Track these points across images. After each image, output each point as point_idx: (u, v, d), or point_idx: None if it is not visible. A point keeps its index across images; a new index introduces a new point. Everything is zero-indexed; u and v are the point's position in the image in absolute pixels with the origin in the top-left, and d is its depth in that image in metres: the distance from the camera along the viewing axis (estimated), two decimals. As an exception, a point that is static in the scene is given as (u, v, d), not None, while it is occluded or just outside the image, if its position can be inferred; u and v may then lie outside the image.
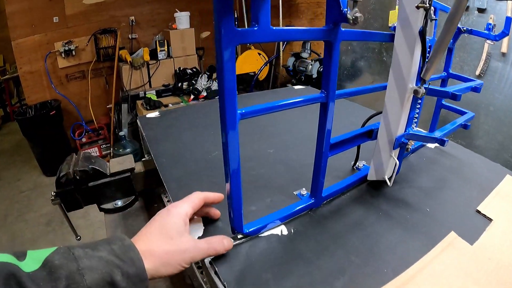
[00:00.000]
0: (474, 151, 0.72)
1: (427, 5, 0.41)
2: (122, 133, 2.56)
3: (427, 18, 0.43)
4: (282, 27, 0.32)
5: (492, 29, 0.65)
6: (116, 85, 2.83)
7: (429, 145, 0.73)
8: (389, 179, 0.54)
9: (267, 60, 3.04)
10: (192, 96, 2.65)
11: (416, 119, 0.55)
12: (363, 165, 0.63)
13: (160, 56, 2.82)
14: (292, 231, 0.47)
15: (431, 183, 0.59)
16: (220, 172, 0.62)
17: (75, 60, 2.80)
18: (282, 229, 0.47)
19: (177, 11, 2.83)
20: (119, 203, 0.69)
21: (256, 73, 2.89)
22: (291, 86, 1.41)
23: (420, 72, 0.47)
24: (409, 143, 0.53)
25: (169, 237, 0.37)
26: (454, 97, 0.47)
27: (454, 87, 0.54)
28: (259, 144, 0.74)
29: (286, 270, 0.40)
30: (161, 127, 0.84)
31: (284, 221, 0.48)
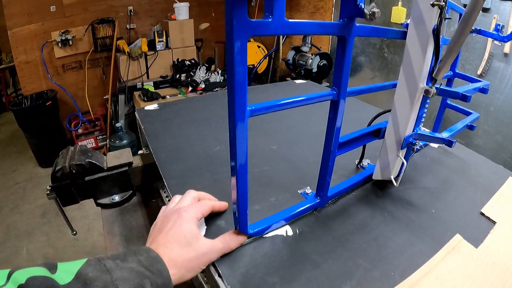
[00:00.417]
0: (473, 150, 0.72)
1: (442, 3, 0.40)
2: (118, 124, 2.53)
3: (442, 16, 0.41)
4: (297, 20, 0.31)
5: (501, 30, 0.64)
6: (113, 75, 2.79)
7: (432, 144, 0.73)
8: (395, 179, 0.53)
9: (266, 53, 3.00)
10: (190, 88, 2.61)
11: (422, 119, 0.54)
12: (368, 163, 0.62)
13: (158, 47, 2.77)
14: (298, 231, 0.46)
15: (436, 184, 0.59)
16: (223, 169, 0.61)
17: (72, 50, 2.75)
18: (287, 229, 0.46)
19: (176, 2, 2.77)
20: (116, 198, 0.67)
21: (255, 66, 2.86)
22: (292, 80, 1.39)
23: (432, 71, 0.46)
24: (416, 143, 0.52)
25: (187, 244, 0.38)
26: (464, 98, 0.46)
27: (462, 87, 0.53)
28: (262, 139, 0.72)
29: (292, 273, 0.39)
30: (160, 120, 0.82)
31: (289, 221, 0.47)
